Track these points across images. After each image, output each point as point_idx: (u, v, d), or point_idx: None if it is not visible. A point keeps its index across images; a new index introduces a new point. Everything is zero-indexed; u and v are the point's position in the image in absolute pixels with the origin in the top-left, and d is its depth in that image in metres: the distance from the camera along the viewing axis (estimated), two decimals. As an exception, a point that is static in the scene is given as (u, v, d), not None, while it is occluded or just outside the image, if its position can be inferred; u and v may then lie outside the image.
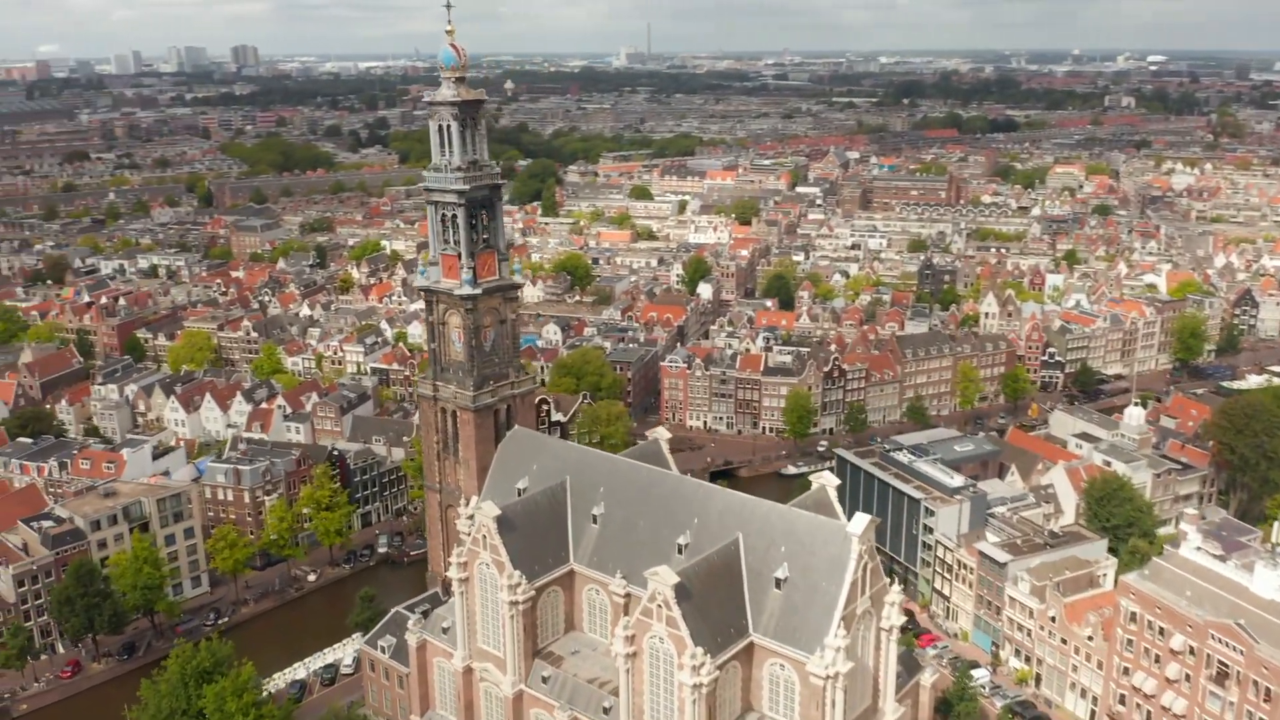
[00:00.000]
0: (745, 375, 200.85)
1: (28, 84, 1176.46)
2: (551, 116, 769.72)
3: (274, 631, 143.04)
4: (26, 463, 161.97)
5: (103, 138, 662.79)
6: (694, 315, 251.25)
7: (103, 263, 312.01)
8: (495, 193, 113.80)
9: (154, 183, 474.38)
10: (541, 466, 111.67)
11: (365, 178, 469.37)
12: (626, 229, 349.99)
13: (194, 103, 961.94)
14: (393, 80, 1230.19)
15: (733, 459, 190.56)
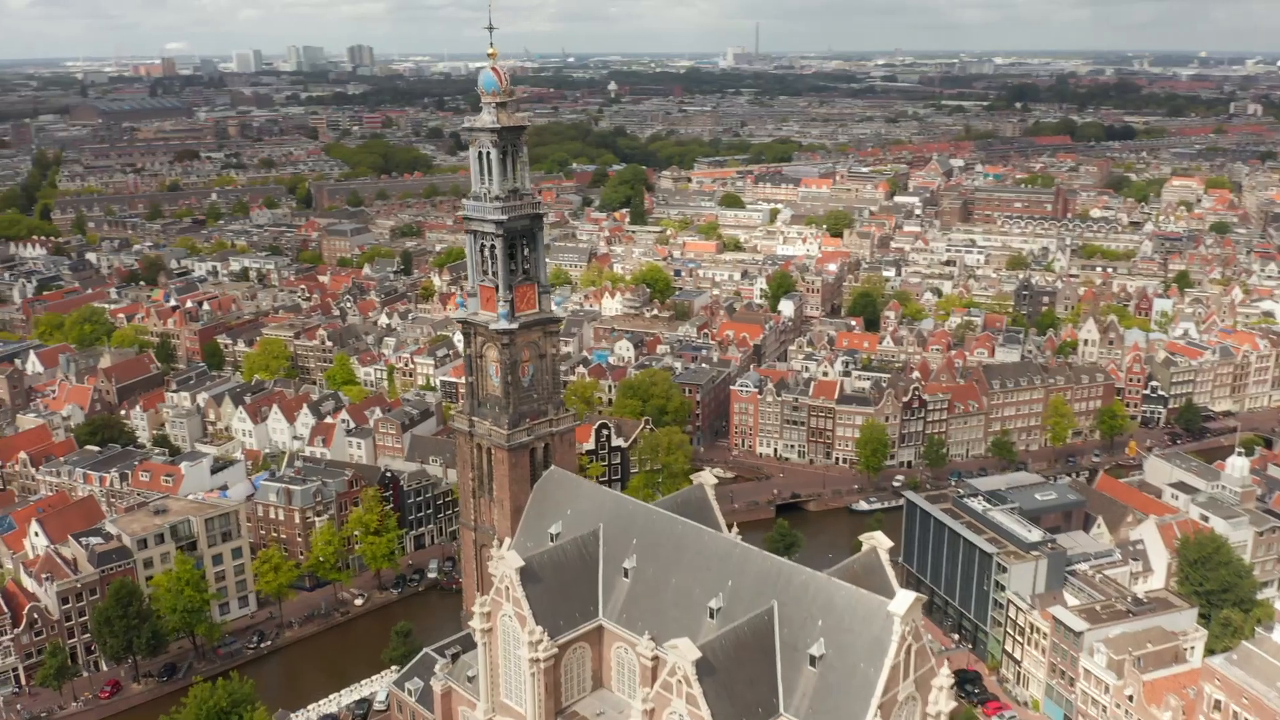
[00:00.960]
0: (818, 403, 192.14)
1: (152, 81, 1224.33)
2: (651, 119, 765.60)
3: (316, 657, 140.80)
4: (90, 472, 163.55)
5: (215, 136, 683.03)
6: (773, 334, 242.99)
7: (197, 264, 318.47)
8: (536, 223, 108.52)
9: (258, 183, 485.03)
10: (576, 511, 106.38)
11: (459, 181, 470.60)
12: (713, 239, 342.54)
13: (308, 102, 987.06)
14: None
15: (801, 491, 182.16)
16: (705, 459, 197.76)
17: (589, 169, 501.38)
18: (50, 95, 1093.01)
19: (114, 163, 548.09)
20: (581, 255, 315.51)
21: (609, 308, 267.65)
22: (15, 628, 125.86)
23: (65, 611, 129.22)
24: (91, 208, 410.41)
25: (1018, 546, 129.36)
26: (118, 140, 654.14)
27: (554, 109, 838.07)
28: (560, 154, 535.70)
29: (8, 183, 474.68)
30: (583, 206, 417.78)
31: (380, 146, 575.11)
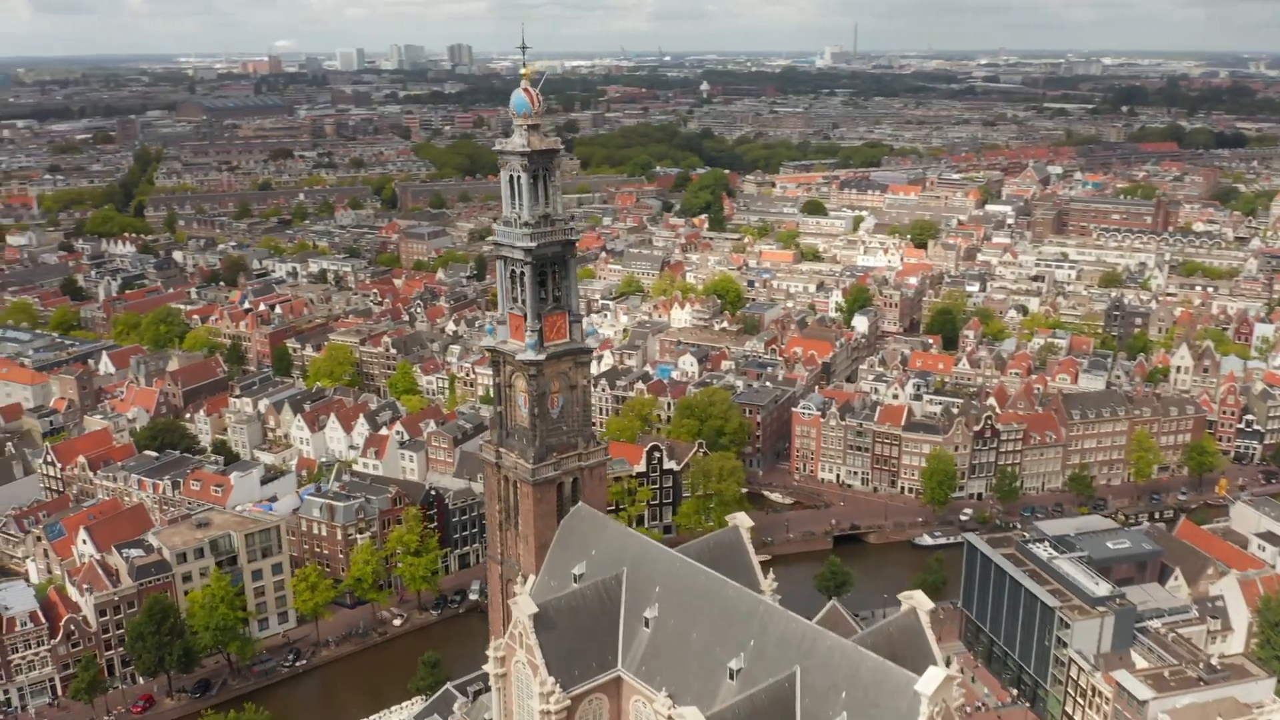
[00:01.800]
0: (884, 429, 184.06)
1: (258, 79, 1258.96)
2: (741, 121, 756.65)
3: (350, 678, 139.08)
4: (144, 478, 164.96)
5: (311, 135, 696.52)
6: (844, 351, 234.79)
7: (278, 265, 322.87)
8: (568, 249, 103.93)
9: (347, 183, 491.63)
10: (600, 552, 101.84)
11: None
12: (791, 248, 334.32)
13: (405, 100, 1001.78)
14: (594, 80, 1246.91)
15: (861, 522, 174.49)
16: (764, 482, 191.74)
17: (672, 172, 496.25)
18: (160, 91, 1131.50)
19: (211, 160, 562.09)
20: (655, 263, 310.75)
21: (678, 319, 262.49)
22: (52, 639, 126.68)
23: (103, 624, 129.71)
24: (183, 205, 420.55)
25: (1083, 600, 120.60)
26: (217, 138, 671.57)
27: (644, 110, 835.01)
28: (644, 156, 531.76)
29: (107, 178, 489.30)
30: (662, 211, 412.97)
31: (468, 147, 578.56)
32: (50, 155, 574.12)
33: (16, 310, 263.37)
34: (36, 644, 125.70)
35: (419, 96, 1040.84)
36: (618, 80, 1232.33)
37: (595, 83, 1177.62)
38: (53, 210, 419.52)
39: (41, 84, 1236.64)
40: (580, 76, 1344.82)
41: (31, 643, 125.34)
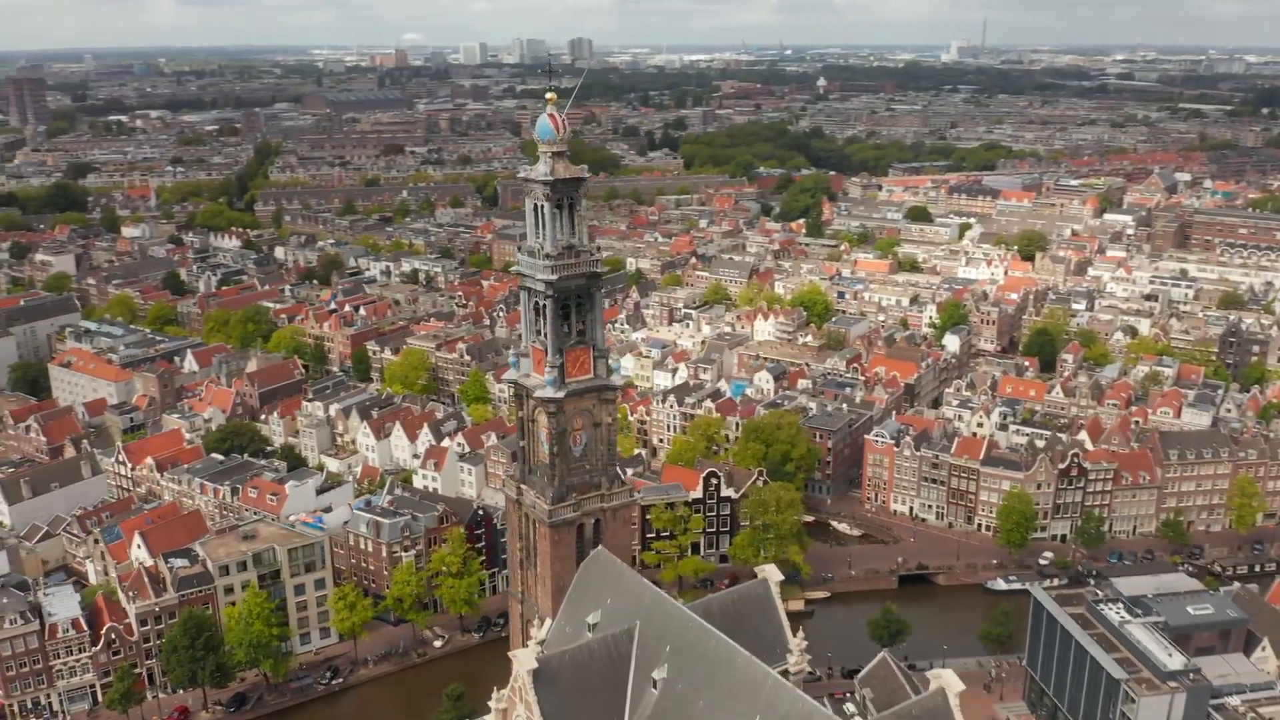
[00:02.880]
0: (961, 462, 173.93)
1: (383, 72, 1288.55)
2: (855, 119, 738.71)
3: (386, 699, 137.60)
4: (206, 483, 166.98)
5: (426, 130, 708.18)
6: (930, 372, 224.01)
7: (372, 264, 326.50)
8: (593, 282, 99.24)
9: (452, 180, 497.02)
10: (616, 602, 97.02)
11: (641, 184, 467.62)
12: (888, 257, 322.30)
13: (522, 95, 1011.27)
14: (711, 75, 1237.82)
15: (931, 561, 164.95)
16: (833, 511, 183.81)
17: (775, 173, 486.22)
18: (290, 83, 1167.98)
19: (326, 154, 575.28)
20: (743, 270, 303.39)
21: (761, 331, 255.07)
22: (94, 646, 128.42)
23: (144, 633, 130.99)
24: (291, 200, 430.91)
25: (1153, 673, 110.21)
26: (335, 131, 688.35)
27: (756, 106, 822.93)
28: (747, 156, 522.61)
29: (225, 171, 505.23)
30: (759, 215, 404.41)
31: (573, 145, 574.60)
32: (176, 147, 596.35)
33: (117, 304, 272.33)
34: (78, 650, 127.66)
35: (535, 91, 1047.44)
36: (735, 75, 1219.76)
37: (712, 77, 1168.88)
38: (170, 203, 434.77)
39: (179, 75, 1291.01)
40: (698, 71, 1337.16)
41: (73, 649, 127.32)
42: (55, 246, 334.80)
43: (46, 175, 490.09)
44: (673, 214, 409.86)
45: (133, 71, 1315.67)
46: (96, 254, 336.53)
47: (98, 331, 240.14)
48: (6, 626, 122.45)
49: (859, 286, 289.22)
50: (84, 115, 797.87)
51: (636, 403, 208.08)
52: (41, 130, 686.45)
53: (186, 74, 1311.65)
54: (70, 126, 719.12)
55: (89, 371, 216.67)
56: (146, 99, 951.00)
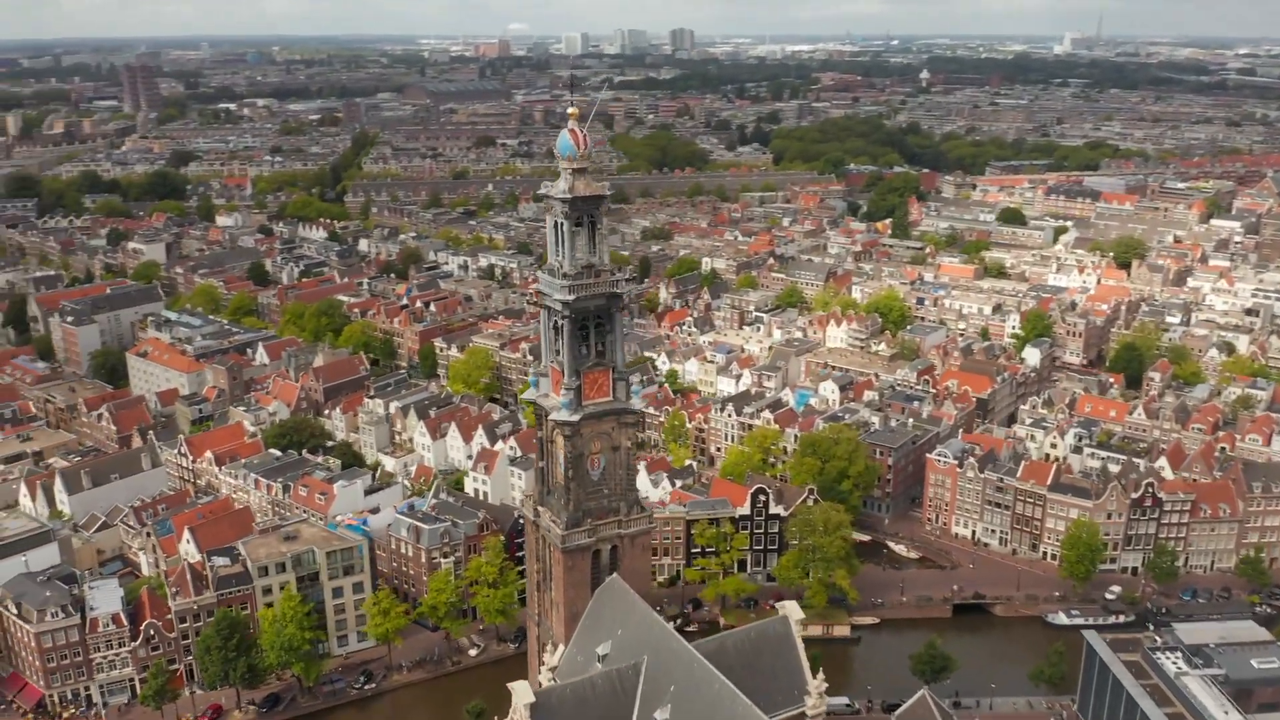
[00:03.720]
0: (1026, 487, 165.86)
1: (485, 62, 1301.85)
2: (956, 113, 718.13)
3: (417, 707, 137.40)
4: (261, 478, 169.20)
5: (520, 122, 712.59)
6: (1006, 386, 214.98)
7: (451, 259, 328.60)
8: (613, 302, 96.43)
9: (539, 173, 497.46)
10: (626, 635, 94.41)
11: (727, 180, 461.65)
12: (974, 262, 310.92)
13: (620, 86, 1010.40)
14: (812, 66, 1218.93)
15: (988, 590, 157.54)
16: (890, 532, 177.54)
17: (866, 170, 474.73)
18: (394, 73, 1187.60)
19: (420, 146, 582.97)
20: (820, 273, 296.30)
21: (833, 337, 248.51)
22: (133, 641, 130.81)
23: (183, 630, 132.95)
24: (380, 192, 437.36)
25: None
26: (431, 122, 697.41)
27: (854, 100, 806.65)
28: (838, 152, 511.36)
29: (320, 161, 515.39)
30: (844, 214, 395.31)
31: (662, 139, 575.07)
32: (277, 136, 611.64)
33: (200, 294, 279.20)
34: (118, 645, 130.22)
35: (633, 82, 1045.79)
36: (836, 66, 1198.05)
37: (812, 69, 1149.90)
38: (265, 192, 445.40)
39: (289, 64, 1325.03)
40: (798, 62, 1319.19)
41: (113, 643, 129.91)
42: (150, 234, 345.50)
43: (150, 162, 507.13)
44: (756, 211, 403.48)
45: (246, 60, 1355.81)
46: (188, 243, 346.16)
47: (177, 321, 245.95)
48: (48, 619, 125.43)
49: (940, 292, 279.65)
50: (195, 103, 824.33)
51: (695, 410, 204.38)
52: (153, 117, 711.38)
53: (297, 63, 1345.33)
54: (181, 114, 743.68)
55: (163, 362, 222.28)
56: (255, 87, 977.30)
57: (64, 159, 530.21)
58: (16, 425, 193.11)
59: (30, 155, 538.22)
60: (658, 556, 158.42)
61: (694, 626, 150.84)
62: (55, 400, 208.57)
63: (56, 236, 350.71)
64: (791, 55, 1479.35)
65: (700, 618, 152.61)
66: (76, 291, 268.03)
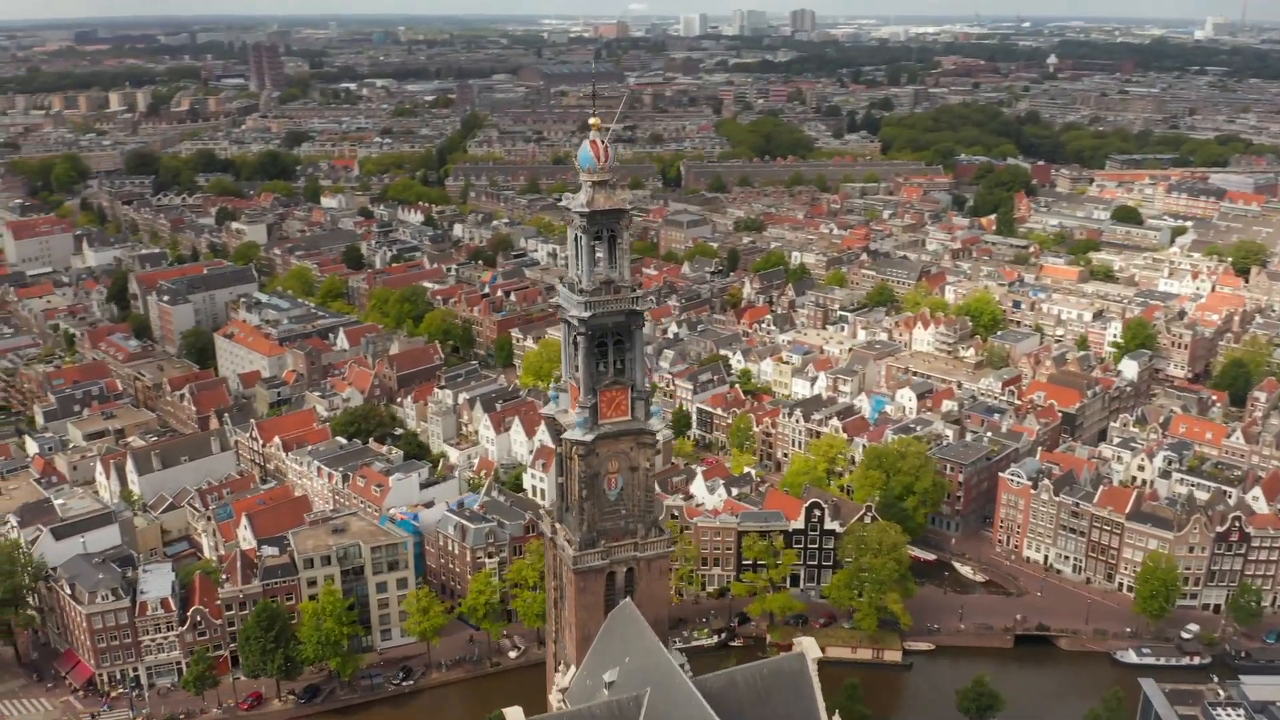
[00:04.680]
0: (1103, 513, 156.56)
1: (602, 44, 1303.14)
2: (1081, 102, 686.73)
3: (452, 706, 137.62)
4: (323, 466, 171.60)
5: (629, 106, 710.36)
6: (1098, 401, 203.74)
7: (540, 246, 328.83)
8: (633, 320, 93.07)
9: (640, 159, 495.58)
10: (633, 663, 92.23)
11: (829, 170, 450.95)
12: (1080, 263, 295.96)
13: (734, 69, 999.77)
14: (935, 49, 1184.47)
15: (1054, 621, 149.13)
16: (957, 551, 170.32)
17: (976, 161, 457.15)
18: (512, 54, 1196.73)
19: (527, 129, 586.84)
20: (913, 271, 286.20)
21: (919, 340, 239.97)
22: (181, 626, 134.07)
23: (229, 618, 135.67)
24: (480, 176, 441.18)
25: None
26: (540, 105, 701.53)
27: (974, 86, 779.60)
28: (949, 142, 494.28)
29: (427, 143, 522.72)
30: (948, 208, 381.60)
31: (769, 125, 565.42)
32: (389, 118, 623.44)
33: (294, 276, 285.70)
34: (166, 629, 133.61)
35: (748, 65, 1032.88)
36: (961, 50, 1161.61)
37: (935, 52, 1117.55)
38: (371, 174, 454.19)
39: (412, 44, 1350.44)
40: (921, 45, 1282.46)
41: (161, 627, 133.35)
42: (255, 214, 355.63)
43: (266, 142, 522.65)
44: (855, 203, 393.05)
45: (371, 40, 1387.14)
46: (291, 224, 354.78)
47: (266, 303, 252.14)
48: (99, 601, 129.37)
49: (1039, 295, 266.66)
50: (317, 83, 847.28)
51: (764, 413, 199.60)
52: (275, 96, 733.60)
53: (419, 43, 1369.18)
54: (303, 94, 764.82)
55: (247, 344, 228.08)
56: (377, 68, 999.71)
57: (186, 136, 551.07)
58: (103, 403, 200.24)
59: (155, 132, 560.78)
60: (707, 566, 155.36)
61: (739, 641, 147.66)
62: (144, 378, 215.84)
63: (168, 214, 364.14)
64: (915, 37, 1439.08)
65: (747, 632, 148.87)
66: (175, 271, 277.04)
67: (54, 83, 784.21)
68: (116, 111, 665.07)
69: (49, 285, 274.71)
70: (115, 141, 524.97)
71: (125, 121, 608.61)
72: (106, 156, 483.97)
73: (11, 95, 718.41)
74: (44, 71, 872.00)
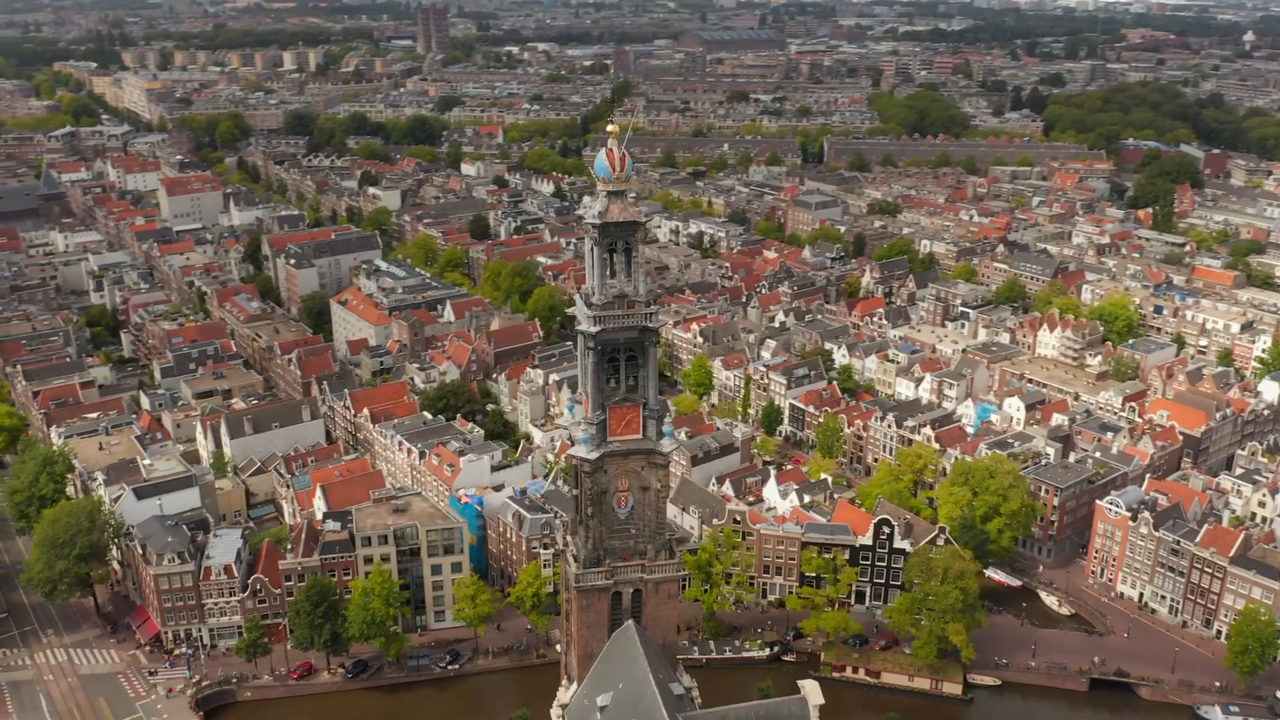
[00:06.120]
0: (1206, 554, 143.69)
1: (769, 9, 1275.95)
2: (1275, 84, 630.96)
3: (495, 694, 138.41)
4: (405, 441, 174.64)
5: (783, 76, 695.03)
6: (1228, 425, 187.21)
7: (663, 223, 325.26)
8: (647, 336, 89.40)
9: (785, 133, 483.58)
10: (625, 690, 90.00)
11: (980, 150, 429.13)
12: (1240, 266, 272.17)
13: (902, 38, 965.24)
14: (1122, 20, 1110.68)
15: (1137, 667, 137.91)
16: (1045, 580, 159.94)
17: (1144, 146, 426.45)
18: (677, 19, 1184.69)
19: (676, 98, 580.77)
20: (1049, 267, 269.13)
21: (1043, 344, 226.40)
22: (243, 592, 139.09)
23: (288, 588, 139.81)
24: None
25: None
26: (693, 73, 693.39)
27: (1158, 62, 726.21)
28: (1117, 124, 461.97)
29: (574, 111, 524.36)
30: (1104, 199, 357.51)
31: (924, 100, 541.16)
32: (542, 84, 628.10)
33: (417, 244, 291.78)
34: (228, 594, 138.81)
35: (918, 33, 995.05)
36: (1151, 22, 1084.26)
37: (1122, 24, 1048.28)
38: (514, 141, 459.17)
39: (580, 6, 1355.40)
40: (1109, 15, 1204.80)
41: (224, 591, 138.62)
42: (395, 179, 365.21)
43: (420, 106, 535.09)
44: (1003, 188, 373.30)
45: (541, 2, 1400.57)
46: (427, 190, 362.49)
47: (384, 271, 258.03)
48: (165, 564, 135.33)
49: (1186, 300, 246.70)
50: (482, 45, 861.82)
51: (857, 414, 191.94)
52: (439, 59, 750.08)
53: (587, 6, 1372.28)
54: (465, 56, 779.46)
55: (358, 311, 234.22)
56: (542, 31, 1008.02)
57: (348, 97, 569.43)
58: (217, 362, 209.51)
59: (319, 92, 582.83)
60: (769, 575, 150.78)
61: (792, 657, 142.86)
62: (259, 340, 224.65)
63: (314, 175, 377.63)
64: (1104, 6, 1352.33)
65: (801, 648, 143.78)
66: (304, 234, 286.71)
67: (236, 40, 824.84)
68: (288, 71, 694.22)
69: (190, 243, 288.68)
70: (280, 101, 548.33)
71: (293, 81, 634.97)
72: (270, 115, 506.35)
73: (194, 51, 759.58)
74: (229, 29, 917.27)
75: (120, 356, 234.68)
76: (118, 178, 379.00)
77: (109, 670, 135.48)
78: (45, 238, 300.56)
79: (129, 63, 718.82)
